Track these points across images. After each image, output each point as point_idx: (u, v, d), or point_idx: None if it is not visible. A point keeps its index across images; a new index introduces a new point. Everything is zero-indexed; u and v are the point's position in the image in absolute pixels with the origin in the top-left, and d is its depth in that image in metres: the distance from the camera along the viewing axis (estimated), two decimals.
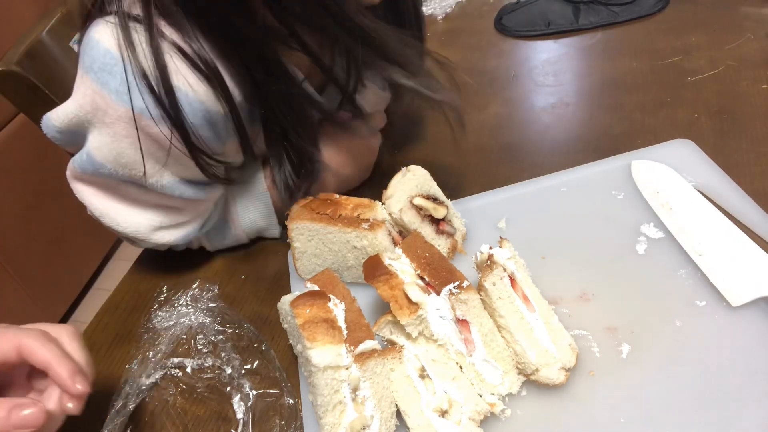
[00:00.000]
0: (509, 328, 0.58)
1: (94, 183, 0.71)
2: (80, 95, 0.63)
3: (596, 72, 0.98)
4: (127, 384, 0.66)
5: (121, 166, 0.66)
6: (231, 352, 0.68)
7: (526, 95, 0.98)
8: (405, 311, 0.57)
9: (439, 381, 0.57)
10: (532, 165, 0.83)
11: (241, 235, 0.83)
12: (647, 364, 0.57)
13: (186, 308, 0.74)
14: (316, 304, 0.57)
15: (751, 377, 0.54)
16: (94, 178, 0.69)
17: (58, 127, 0.66)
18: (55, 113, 0.65)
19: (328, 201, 0.72)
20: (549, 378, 0.56)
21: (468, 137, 0.92)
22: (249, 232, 0.82)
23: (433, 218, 0.71)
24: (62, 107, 0.65)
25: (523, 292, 0.60)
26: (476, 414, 0.55)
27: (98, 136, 0.64)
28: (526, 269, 0.63)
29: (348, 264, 0.71)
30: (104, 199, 0.72)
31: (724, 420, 0.52)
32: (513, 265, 0.61)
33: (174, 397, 0.66)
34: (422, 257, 0.62)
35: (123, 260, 2.53)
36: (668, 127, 0.83)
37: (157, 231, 0.74)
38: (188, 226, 0.76)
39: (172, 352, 0.70)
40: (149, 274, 0.84)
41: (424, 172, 0.72)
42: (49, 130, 0.67)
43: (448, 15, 1.24)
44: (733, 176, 0.72)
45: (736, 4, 1.05)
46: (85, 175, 0.69)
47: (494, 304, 0.58)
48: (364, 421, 0.55)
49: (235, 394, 0.64)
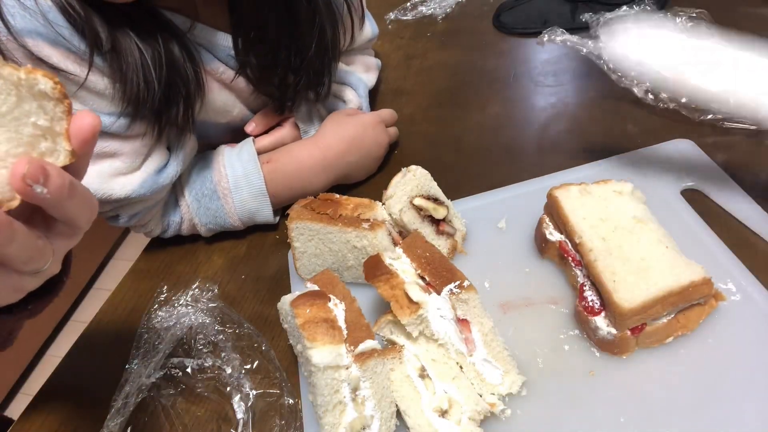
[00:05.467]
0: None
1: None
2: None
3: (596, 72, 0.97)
4: (127, 384, 0.66)
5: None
6: (231, 352, 0.68)
7: (526, 95, 0.98)
8: (405, 311, 0.57)
9: (439, 381, 0.57)
10: (532, 165, 0.83)
11: (232, 214, 0.81)
12: (647, 364, 0.57)
13: (186, 308, 0.74)
14: (316, 304, 0.57)
15: (751, 377, 0.54)
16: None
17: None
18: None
19: (329, 201, 0.72)
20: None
21: (468, 137, 0.93)
22: (241, 215, 0.82)
23: (433, 218, 0.71)
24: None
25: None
26: (476, 414, 0.55)
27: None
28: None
29: (348, 264, 0.71)
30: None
31: (724, 420, 0.52)
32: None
33: (174, 397, 0.66)
34: (423, 257, 0.62)
35: (123, 260, 2.53)
36: (668, 127, 0.83)
37: (106, 182, 0.72)
38: (137, 173, 0.75)
39: (172, 352, 0.70)
40: (149, 274, 0.84)
41: (424, 172, 0.72)
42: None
43: (448, 15, 1.24)
44: (733, 176, 0.72)
45: (735, 4, 1.05)
46: None
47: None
48: (364, 421, 0.55)
49: (235, 394, 0.64)
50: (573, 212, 0.65)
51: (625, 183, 0.68)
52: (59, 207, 0.37)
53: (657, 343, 0.58)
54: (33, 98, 0.35)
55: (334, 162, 0.83)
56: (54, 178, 0.35)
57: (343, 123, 0.86)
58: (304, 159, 0.83)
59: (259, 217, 0.83)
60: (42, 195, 0.34)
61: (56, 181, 0.35)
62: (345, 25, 0.89)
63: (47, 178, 0.34)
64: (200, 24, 0.75)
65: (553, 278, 0.67)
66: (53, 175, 0.35)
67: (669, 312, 0.57)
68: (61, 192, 0.35)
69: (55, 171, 0.35)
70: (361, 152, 0.85)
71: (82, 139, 0.37)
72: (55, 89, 0.36)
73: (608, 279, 0.57)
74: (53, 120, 0.36)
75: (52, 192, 0.35)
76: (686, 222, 0.67)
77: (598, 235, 0.62)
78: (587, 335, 0.60)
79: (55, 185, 0.35)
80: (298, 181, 0.83)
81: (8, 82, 0.34)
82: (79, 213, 0.39)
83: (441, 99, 1.02)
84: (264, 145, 0.86)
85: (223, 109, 0.83)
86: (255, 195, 0.81)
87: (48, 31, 0.62)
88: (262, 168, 0.81)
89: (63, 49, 0.64)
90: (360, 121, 0.87)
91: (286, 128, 0.90)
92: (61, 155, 0.37)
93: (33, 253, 0.38)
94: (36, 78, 0.35)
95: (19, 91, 0.35)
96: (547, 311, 0.64)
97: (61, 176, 0.35)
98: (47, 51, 0.63)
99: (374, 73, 1.02)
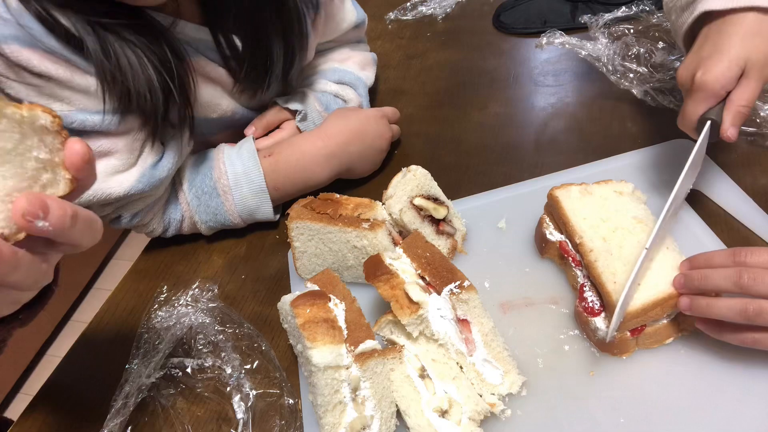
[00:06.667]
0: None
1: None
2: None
3: (596, 71, 0.97)
4: (127, 384, 0.66)
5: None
6: (231, 352, 0.68)
7: (526, 95, 0.98)
8: (406, 311, 0.57)
9: (439, 381, 0.57)
10: (532, 165, 0.83)
11: (232, 212, 0.82)
12: (647, 364, 0.57)
13: (186, 308, 0.74)
14: (316, 304, 0.57)
15: (751, 377, 0.54)
16: None
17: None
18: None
19: (329, 200, 0.72)
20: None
21: (468, 137, 0.93)
22: (241, 212, 0.82)
23: (434, 218, 0.71)
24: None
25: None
26: (476, 414, 0.55)
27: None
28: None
29: (348, 264, 0.71)
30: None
31: (724, 420, 0.52)
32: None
33: (174, 397, 0.66)
34: (423, 257, 0.62)
35: (123, 260, 2.53)
36: (668, 127, 0.83)
37: (104, 181, 0.73)
38: (133, 169, 0.75)
39: (172, 352, 0.70)
40: (149, 274, 0.84)
41: (424, 172, 0.72)
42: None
43: (448, 15, 1.24)
44: (733, 176, 0.72)
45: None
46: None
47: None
48: (364, 421, 0.55)
49: (235, 394, 0.64)
50: (573, 212, 0.65)
51: (626, 183, 0.68)
52: (63, 236, 0.38)
53: (657, 344, 0.58)
54: (34, 133, 0.37)
55: (336, 151, 0.83)
56: (54, 211, 0.36)
57: (346, 115, 0.87)
58: (307, 148, 0.83)
59: (260, 214, 0.83)
60: (45, 228, 0.36)
61: (57, 213, 0.36)
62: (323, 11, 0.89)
63: (47, 213, 0.36)
64: (182, 20, 0.75)
65: (553, 278, 0.67)
66: (53, 207, 0.36)
67: (669, 314, 0.57)
68: (62, 223, 0.37)
69: (55, 204, 0.36)
70: (364, 143, 0.85)
71: (77, 167, 0.39)
72: (54, 122, 0.38)
73: (608, 280, 0.57)
74: (52, 152, 0.38)
75: (54, 224, 0.36)
76: (686, 222, 0.67)
77: (599, 236, 0.62)
78: (587, 335, 0.60)
79: (55, 217, 0.36)
80: (300, 171, 0.83)
81: (12, 120, 0.36)
82: (82, 237, 0.40)
83: (441, 99, 1.02)
84: (264, 146, 0.86)
85: (211, 103, 0.83)
86: (255, 192, 0.81)
87: (23, 33, 0.62)
88: (263, 162, 0.81)
89: (41, 51, 0.64)
90: (363, 114, 0.88)
91: (286, 130, 0.90)
92: (61, 184, 0.39)
93: (37, 277, 0.40)
94: (37, 114, 0.37)
95: (22, 128, 0.36)
96: (547, 311, 0.64)
97: (61, 208, 0.37)
98: (26, 54, 0.63)
99: (371, 69, 1.02)
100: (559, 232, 0.67)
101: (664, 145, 0.78)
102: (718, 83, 0.59)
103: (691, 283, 0.54)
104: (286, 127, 0.90)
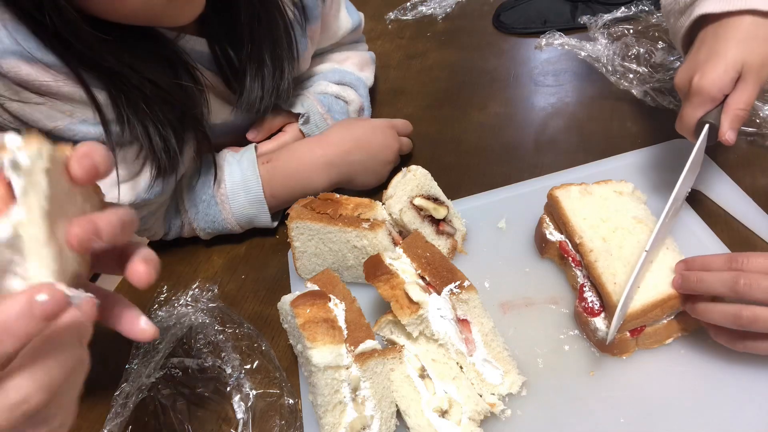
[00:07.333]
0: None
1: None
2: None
3: (595, 71, 0.97)
4: (127, 384, 0.66)
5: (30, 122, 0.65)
6: (231, 352, 0.68)
7: (526, 95, 0.98)
8: (406, 311, 0.57)
9: (439, 381, 0.57)
10: (532, 165, 0.83)
11: (230, 220, 0.81)
12: (647, 364, 0.57)
13: (186, 308, 0.74)
14: (316, 304, 0.57)
15: (751, 377, 0.54)
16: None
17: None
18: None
19: (329, 200, 0.72)
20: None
21: (468, 137, 0.93)
22: (239, 219, 0.82)
23: (434, 218, 0.71)
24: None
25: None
26: (476, 414, 0.55)
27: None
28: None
29: (348, 264, 0.71)
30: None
31: (724, 420, 0.52)
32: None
33: (174, 397, 0.66)
34: (423, 257, 0.62)
35: None
36: (668, 127, 0.83)
37: (108, 191, 0.71)
38: (139, 178, 0.74)
39: (172, 352, 0.70)
40: None
41: (424, 172, 0.72)
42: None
43: (448, 15, 1.24)
44: (733, 176, 0.72)
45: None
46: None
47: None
48: (364, 421, 0.55)
49: (235, 394, 0.64)
50: (573, 212, 0.65)
51: (626, 183, 0.68)
52: (119, 239, 0.42)
53: (657, 344, 0.58)
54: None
55: (336, 160, 0.82)
56: (104, 227, 0.39)
57: (351, 124, 0.86)
58: (304, 155, 0.82)
59: (257, 222, 0.83)
60: (102, 243, 0.40)
61: (107, 229, 0.39)
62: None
63: (99, 233, 0.39)
64: (186, 35, 0.74)
65: (553, 278, 0.67)
66: (101, 224, 0.39)
67: (669, 314, 0.57)
68: (113, 232, 0.40)
69: (102, 221, 0.39)
70: (367, 153, 0.83)
71: (110, 236, 0.41)
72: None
73: (608, 281, 0.57)
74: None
75: (107, 238, 0.40)
76: (686, 222, 0.68)
77: (599, 236, 0.62)
78: (587, 336, 0.60)
79: (107, 232, 0.40)
80: (297, 179, 0.82)
81: (58, 162, 0.38)
82: (130, 232, 0.44)
83: (441, 99, 1.02)
84: (267, 150, 0.86)
85: (212, 111, 0.82)
86: (252, 202, 0.80)
87: (20, 48, 0.60)
88: (261, 168, 0.81)
89: (41, 66, 0.62)
90: (369, 123, 0.86)
91: (289, 133, 0.89)
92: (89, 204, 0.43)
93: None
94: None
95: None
96: (547, 311, 0.64)
97: (109, 223, 0.40)
98: (26, 70, 0.61)
99: (370, 69, 1.02)
100: (559, 232, 0.67)
101: (664, 145, 0.79)
102: (715, 87, 0.59)
103: (688, 285, 0.53)
104: (288, 129, 0.90)
